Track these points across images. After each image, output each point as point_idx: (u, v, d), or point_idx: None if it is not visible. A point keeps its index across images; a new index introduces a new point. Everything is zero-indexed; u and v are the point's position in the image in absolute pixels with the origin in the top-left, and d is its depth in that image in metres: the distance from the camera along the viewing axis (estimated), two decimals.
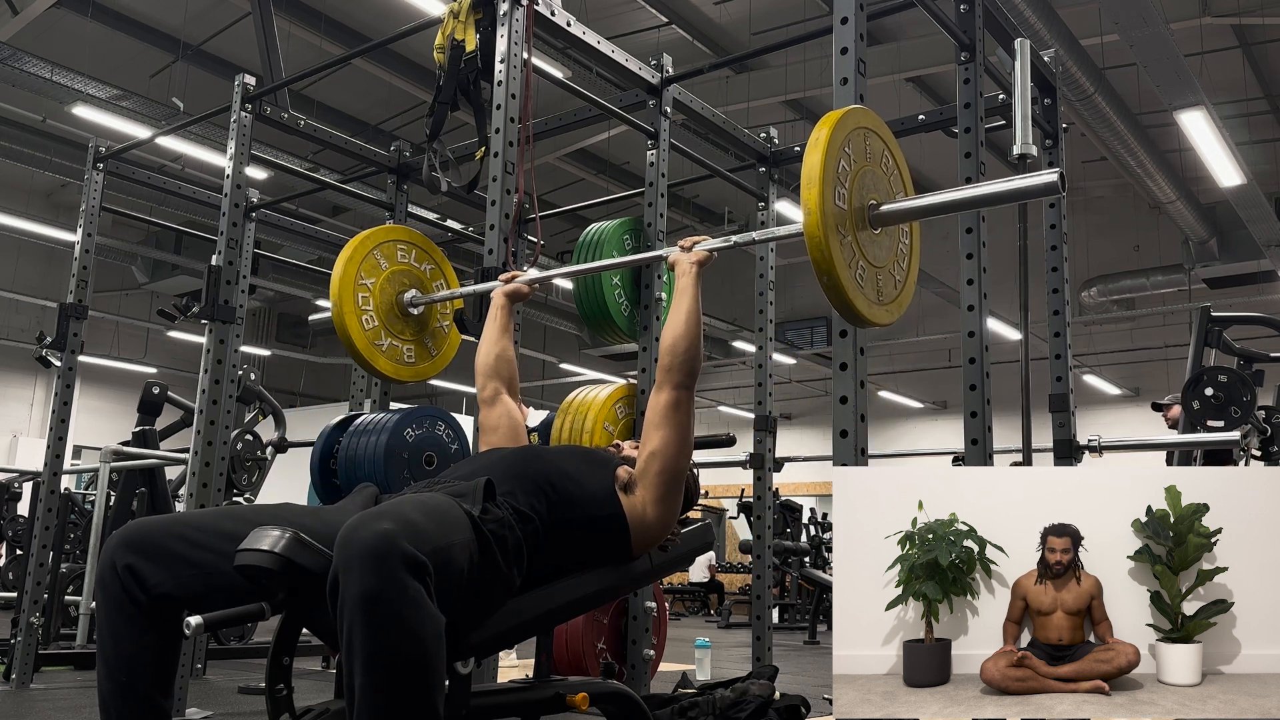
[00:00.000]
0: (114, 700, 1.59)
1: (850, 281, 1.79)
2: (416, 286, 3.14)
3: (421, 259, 3.18)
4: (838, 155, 1.80)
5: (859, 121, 1.90)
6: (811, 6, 8.96)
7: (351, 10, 9.41)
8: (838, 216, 1.78)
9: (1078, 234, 12.37)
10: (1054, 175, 1.77)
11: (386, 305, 3.06)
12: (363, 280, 3.00)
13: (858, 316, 1.82)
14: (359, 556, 1.40)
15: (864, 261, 1.85)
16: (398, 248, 3.12)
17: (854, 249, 1.83)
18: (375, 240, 3.08)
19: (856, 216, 1.84)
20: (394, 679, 1.39)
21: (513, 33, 2.80)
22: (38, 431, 14.38)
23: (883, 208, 1.90)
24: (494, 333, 2.47)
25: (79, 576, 5.63)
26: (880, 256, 1.91)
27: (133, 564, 1.59)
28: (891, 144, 2.00)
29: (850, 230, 1.82)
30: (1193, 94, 7.42)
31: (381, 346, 3.03)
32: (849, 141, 1.84)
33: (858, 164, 1.87)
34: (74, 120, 9.37)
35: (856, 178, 1.85)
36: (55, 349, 4.37)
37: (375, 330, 3.01)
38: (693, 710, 2.76)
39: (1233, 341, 5.16)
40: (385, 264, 3.07)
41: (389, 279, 3.07)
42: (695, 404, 2.08)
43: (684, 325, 2.07)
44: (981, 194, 1.93)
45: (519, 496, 1.82)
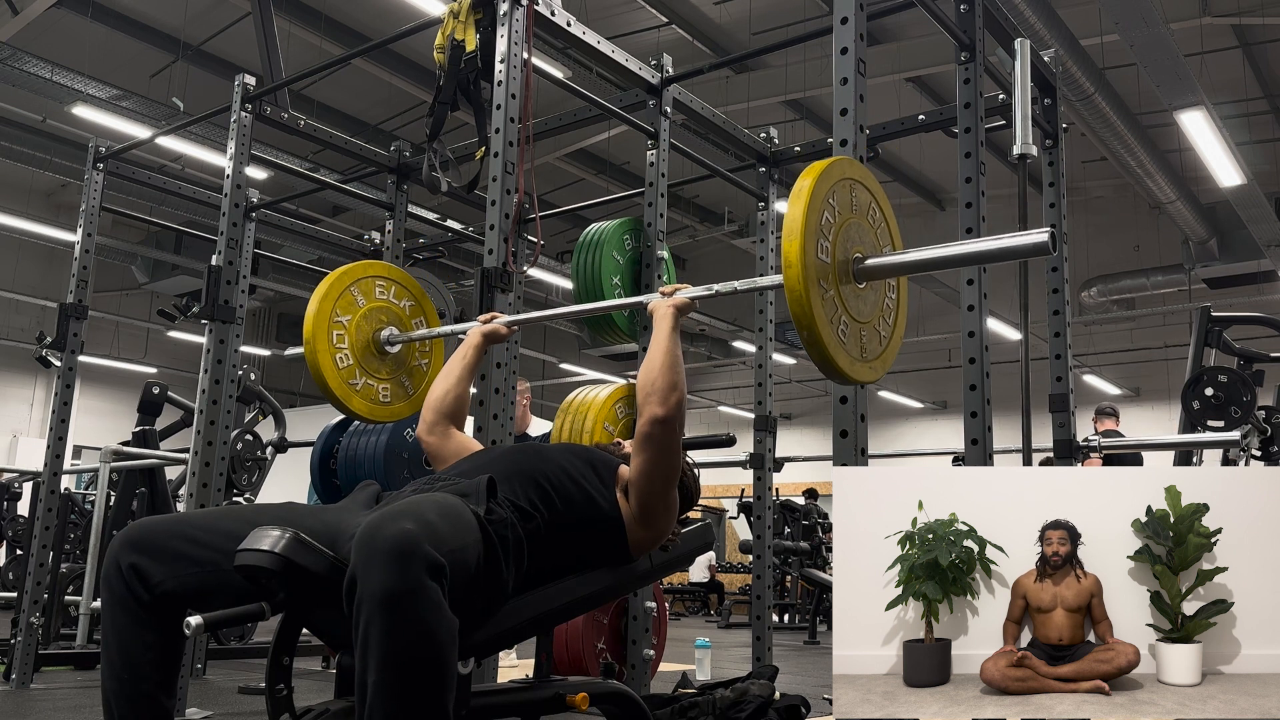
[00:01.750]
0: (117, 699, 1.60)
1: (832, 337, 1.73)
2: (394, 324, 3.02)
3: (401, 295, 3.07)
4: (821, 207, 1.74)
5: (845, 172, 1.84)
6: (811, 6, 8.96)
7: (351, 10, 9.41)
8: (820, 269, 1.72)
9: (1078, 234, 12.38)
10: (1044, 235, 1.70)
11: (362, 343, 2.95)
12: (338, 318, 2.90)
13: (839, 373, 1.76)
14: (381, 555, 1.41)
15: (847, 316, 1.79)
16: (376, 284, 3.01)
17: (836, 303, 1.77)
18: (353, 276, 2.97)
19: (840, 270, 1.78)
20: (408, 679, 1.40)
21: (513, 33, 2.80)
22: (38, 431, 14.39)
23: (867, 261, 1.83)
24: (459, 371, 2.37)
25: (79, 576, 5.62)
26: (864, 311, 1.85)
27: (136, 563, 1.60)
28: (879, 196, 1.94)
29: (833, 284, 1.76)
30: (1193, 94, 7.42)
31: (356, 386, 2.93)
32: (834, 193, 1.78)
33: (843, 216, 1.80)
34: (74, 120, 9.37)
35: (841, 230, 1.79)
36: (55, 349, 4.37)
37: (350, 369, 2.92)
38: (693, 710, 2.76)
39: (1233, 341, 5.16)
40: (362, 301, 2.97)
41: (365, 316, 2.96)
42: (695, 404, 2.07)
43: (658, 369, 1.97)
44: (969, 252, 1.86)
45: (520, 494, 1.82)
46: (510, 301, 2.72)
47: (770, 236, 4.15)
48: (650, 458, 1.94)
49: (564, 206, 5.28)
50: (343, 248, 5.90)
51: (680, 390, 1.95)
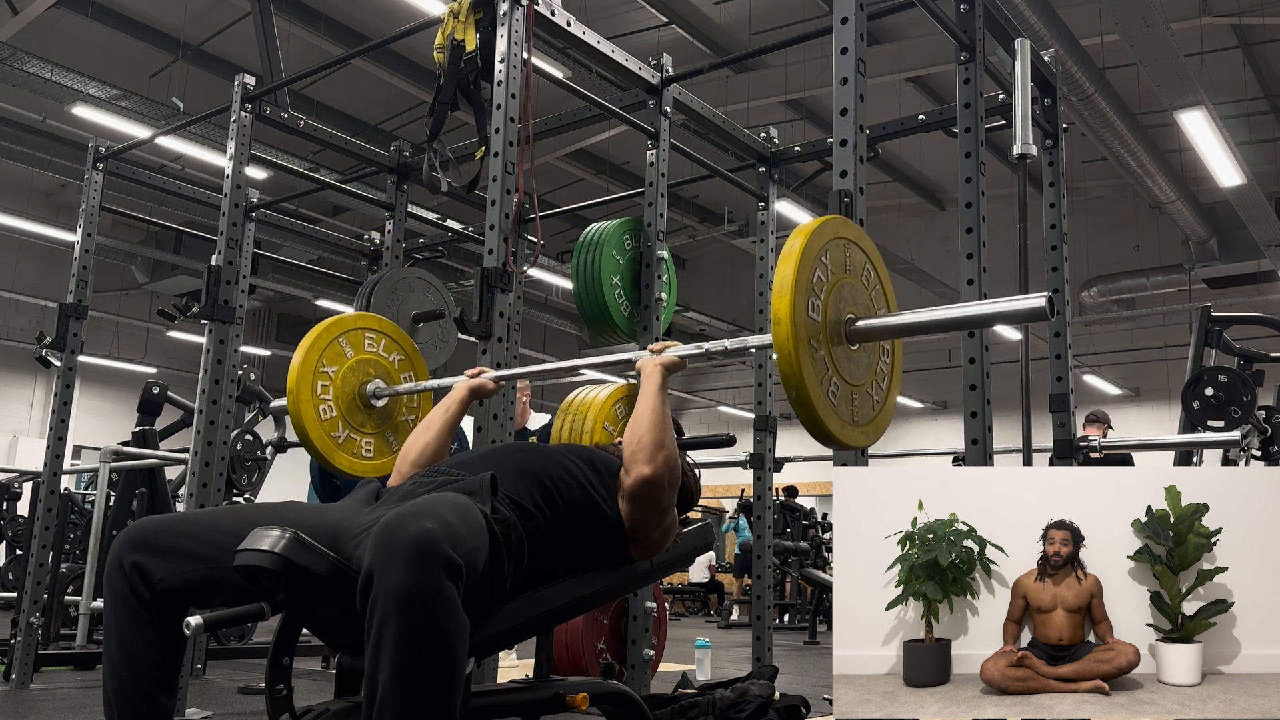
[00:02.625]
0: (118, 697, 1.60)
1: (822, 399, 1.67)
2: (382, 378, 2.95)
3: (390, 349, 3.01)
4: (813, 265, 1.69)
5: (838, 232, 1.80)
6: (811, 6, 8.96)
7: (351, 10, 9.41)
8: (810, 328, 1.66)
9: (1078, 234, 12.37)
10: (1042, 300, 1.64)
11: (348, 396, 2.88)
12: (324, 368, 2.83)
13: (829, 436, 1.70)
14: (402, 554, 1.41)
15: (838, 378, 1.73)
16: (365, 336, 2.95)
17: (827, 364, 1.71)
18: (342, 328, 2.91)
19: (831, 330, 1.73)
20: (420, 678, 1.40)
21: (513, 33, 2.80)
22: (38, 431, 14.38)
23: (859, 323, 1.77)
24: (439, 425, 2.29)
25: (79, 576, 5.62)
26: (857, 374, 1.79)
27: (139, 561, 1.61)
28: (875, 258, 1.90)
29: (824, 344, 1.70)
30: (1193, 94, 7.42)
31: (339, 439, 2.86)
32: (826, 251, 1.74)
33: (835, 275, 1.76)
34: (74, 120, 9.37)
35: (833, 289, 1.74)
36: (55, 349, 4.37)
37: (333, 421, 2.85)
38: (693, 710, 2.75)
39: (1233, 341, 5.16)
40: (350, 353, 2.91)
41: (353, 368, 2.90)
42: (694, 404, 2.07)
43: (645, 426, 1.94)
44: (965, 315, 1.83)
45: (521, 492, 1.83)
46: (510, 301, 2.72)
47: (770, 236, 4.15)
48: (639, 512, 1.94)
49: (564, 206, 5.28)
50: (343, 248, 5.90)
51: (668, 449, 1.93)
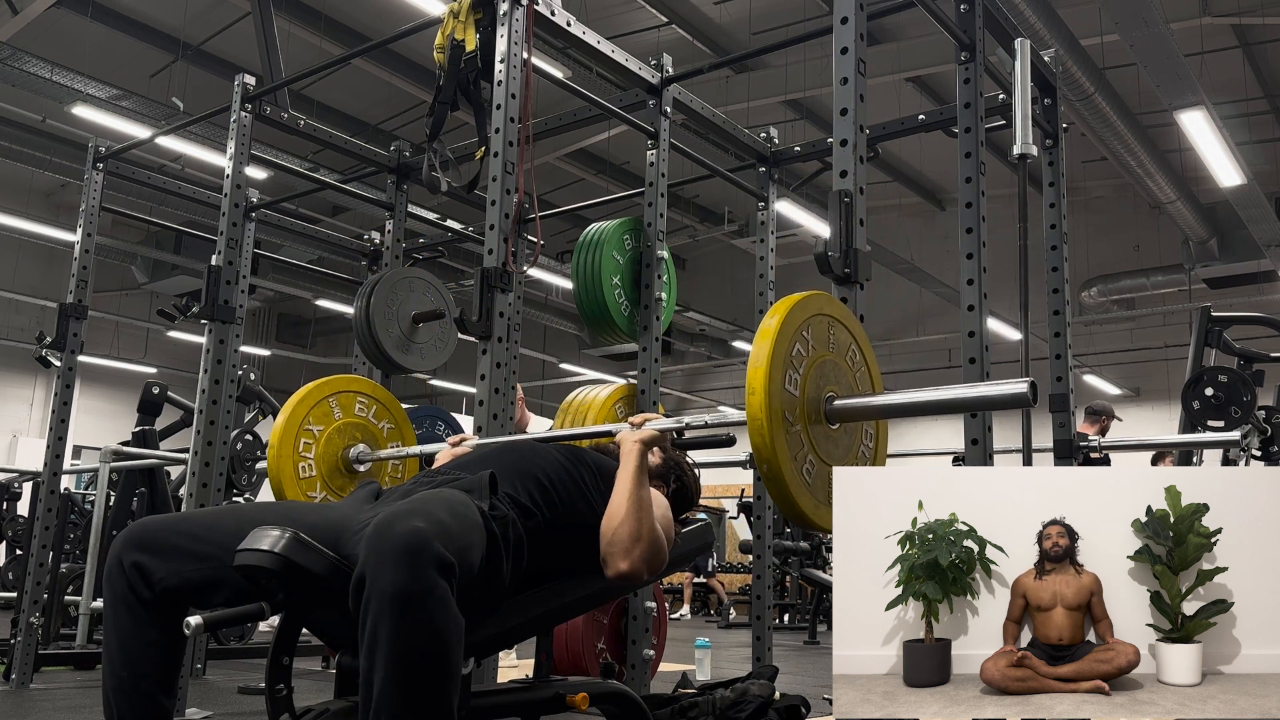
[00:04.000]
0: (117, 697, 1.60)
1: (794, 476, 1.60)
2: (368, 443, 2.92)
3: (381, 416, 2.97)
4: (793, 338, 1.64)
5: (822, 308, 1.75)
6: (811, 6, 8.96)
7: (351, 10, 9.41)
8: (786, 402, 1.61)
9: (1078, 234, 12.37)
10: (1024, 387, 1.61)
11: (330, 457, 2.84)
12: (309, 426, 2.80)
13: (801, 515, 1.63)
14: (393, 553, 1.41)
15: (814, 456, 1.67)
16: (357, 400, 2.92)
17: (803, 440, 1.65)
18: (333, 388, 2.89)
19: (810, 408, 1.68)
20: (415, 677, 1.40)
21: (513, 33, 2.80)
22: (38, 431, 14.38)
23: (837, 402, 1.72)
24: None
25: (79, 576, 5.62)
26: (836, 455, 1.73)
27: (139, 561, 1.61)
28: (861, 339, 1.86)
29: (801, 420, 1.65)
30: (1193, 94, 7.42)
31: (314, 499, 2.81)
32: (809, 326, 1.69)
33: (817, 351, 1.71)
34: (74, 120, 9.37)
35: (814, 366, 1.69)
36: (55, 349, 4.37)
37: (311, 480, 2.80)
38: (693, 710, 2.75)
39: (1233, 341, 5.16)
40: (339, 414, 2.87)
41: (339, 430, 2.86)
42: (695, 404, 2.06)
43: (620, 512, 1.86)
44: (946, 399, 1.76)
45: (521, 490, 1.83)
46: (510, 301, 2.71)
47: (770, 237, 4.15)
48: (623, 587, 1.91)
49: (564, 206, 5.28)
50: (343, 248, 5.90)
51: (645, 539, 1.84)
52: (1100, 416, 5.73)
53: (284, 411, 2.78)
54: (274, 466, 2.75)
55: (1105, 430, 5.69)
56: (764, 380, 1.57)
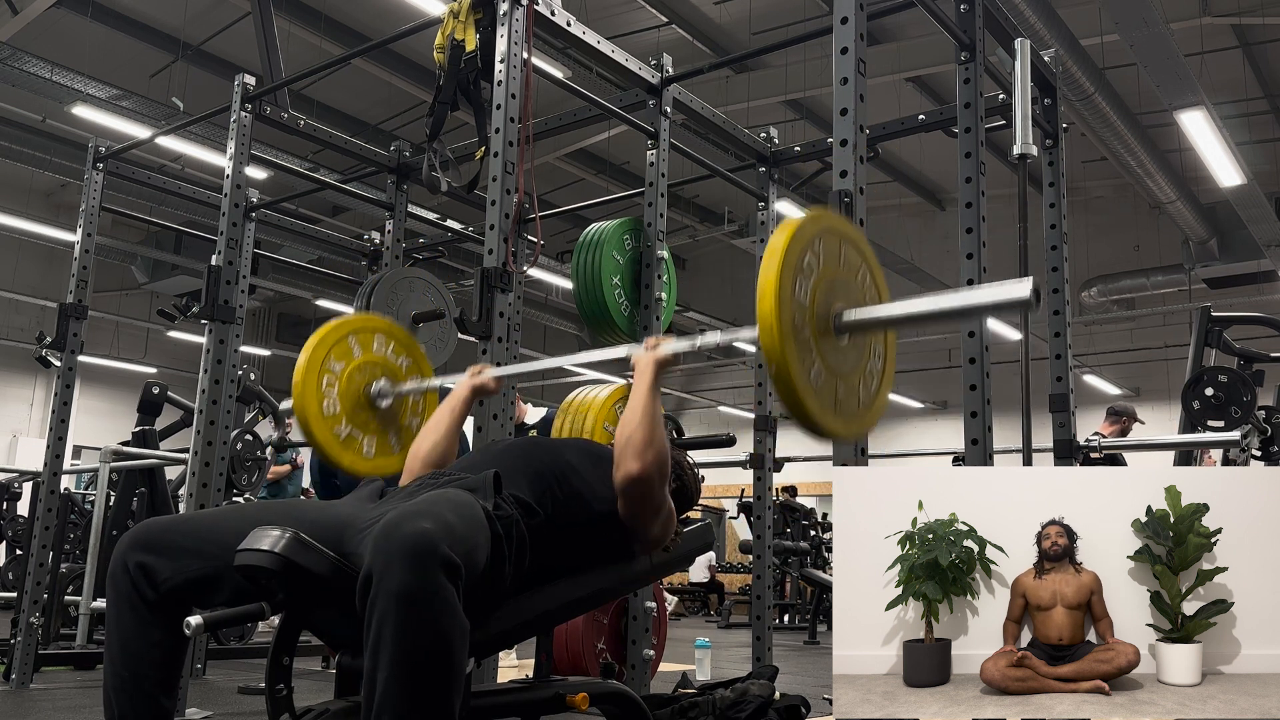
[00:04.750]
0: (118, 697, 1.60)
1: (802, 377, 1.60)
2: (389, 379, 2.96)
3: (399, 352, 3.00)
4: (804, 247, 1.66)
5: (834, 225, 1.78)
6: (811, 6, 8.96)
7: (351, 10, 9.41)
8: (797, 309, 1.62)
9: (1078, 234, 12.36)
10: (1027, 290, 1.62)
11: (353, 394, 2.88)
12: (331, 364, 2.83)
13: (806, 415, 1.62)
14: (400, 554, 1.41)
15: (822, 364, 1.68)
16: (375, 337, 2.96)
17: (812, 347, 1.65)
18: (351, 327, 2.92)
19: (819, 319, 1.69)
20: (419, 678, 1.40)
21: (513, 33, 2.80)
22: (38, 431, 14.38)
23: (846, 315, 1.74)
24: (446, 424, 2.30)
25: (79, 576, 5.62)
26: (844, 368, 1.73)
27: (144, 561, 1.61)
28: (871, 262, 1.86)
29: (810, 326, 1.65)
30: (1193, 94, 7.42)
31: (340, 434, 2.85)
32: (821, 239, 1.71)
33: (828, 267, 1.72)
34: (74, 120, 9.37)
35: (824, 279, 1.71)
36: (55, 349, 4.37)
37: (336, 417, 2.84)
38: (693, 710, 2.75)
39: (1233, 341, 5.16)
40: (359, 352, 2.91)
41: (359, 368, 2.89)
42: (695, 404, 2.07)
43: (636, 424, 1.93)
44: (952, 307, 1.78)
45: (525, 489, 1.83)
46: (510, 301, 2.72)
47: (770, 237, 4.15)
48: (633, 508, 1.93)
49: (564, 206, 5.28)
50: (343, 248, 5.90)
51: (657, 446, 1.91)
52: (1121, 417, 5.66)
53: (305, 351, 2.81)
54: (299, 405, 2.79)
55: (1126, 432, 5.60)
56: (774, 283, 1.58)
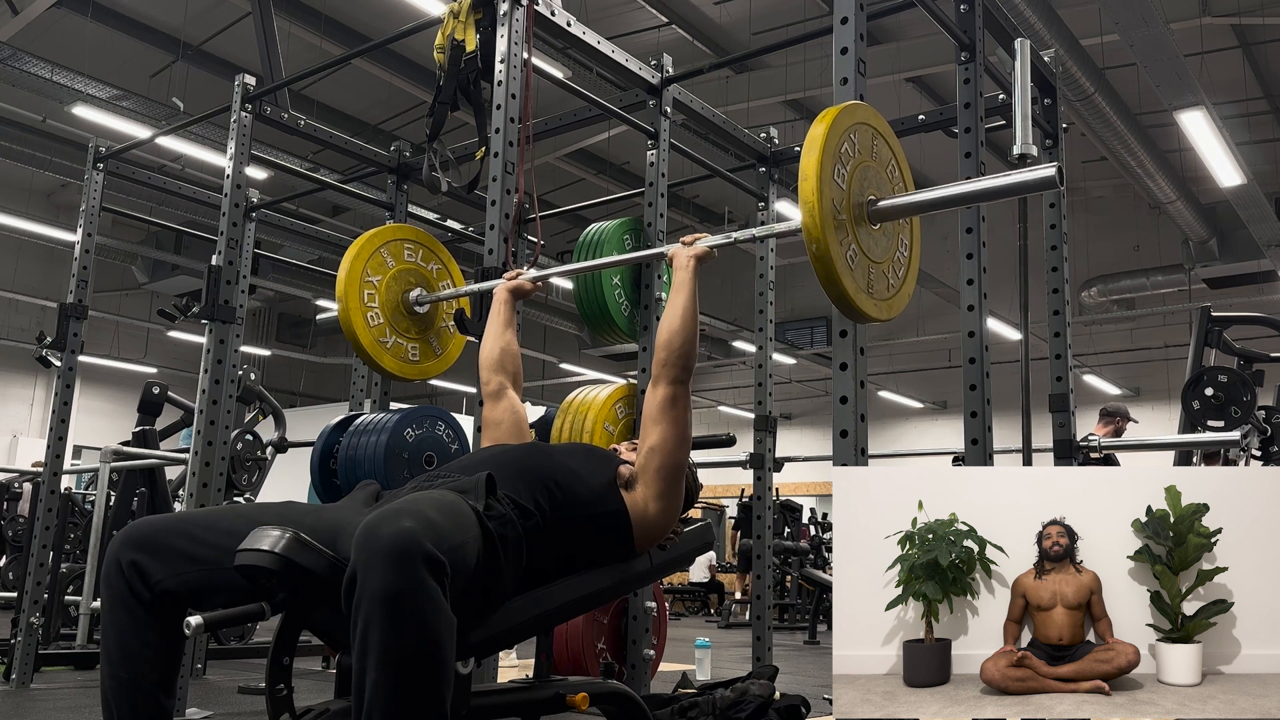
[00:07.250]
0: (116, 697, 1.60)
1: (840, 258, 1.77)
2: (422, 286, 3.16)
3: (428, 258, 3.20)
4: (842, 136, 1.81)
5: (867, 118, 1.92)
6: (811, 6, 8.96)
7: (351, 10, 9.41)
8: (836, 193, 1.78)
9: (1078, 234, 12.37)
10: (1051, 170, 1.79)
11: (392, 303, 3.08)
12: (369, 278, 3.03)
13: (844, 296, 1.79)
14: (381, 554, 1.41)
15: (858, 248, 1.84)
16: (404, 246, 3.14)
17: (849, 230, 1.82)
18: (382, 239, 3.09)
19: (855, 207, 1.85)
20: (407, 678, 1.39)
21: (513, 33, 2.80)
22: (38, 431, 14.39)
23: (880, 203, 1.91)
24: (497, 327, 2.50)
25: (79, 576, 5.62)
26: (876, 252, 1.91)
27: (137, 560, 1.60)
28: (900, 156, 2.02)
29: (847, 212, 1.81)
30: (1193, 94, 7.42)
31: (386, 344, 3.06)
32: (855, 130, 1.86)
33: (861, 157, 1.87)
34: (74, 120, 9.37)
35: (859, 168, 1.86)
36: (55, 349, 4.37)
37: (380, 327, 3.05)
38: (693, 710, 2.76)
39: (1233, 341, 5.16)
40: (392, 262, 3.10)
41: (395, 277, 3.09)
42: (695, 404, 2.09)
43: (680, 320, 2.09)
44: (979, 189, 1.94)
45: (522, 492, 1.82)
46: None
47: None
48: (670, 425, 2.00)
49: (564, 206, 5.28)
50: (343, 248, 5.89)
51: (694, 345, 2.08)
52: (1114, 418, 5.66)
53: (344, 267, 3.00)
54: (345, 320, 2.99)
55: (1120, 432, 5.61)
56: (816, 167, 1.74)
